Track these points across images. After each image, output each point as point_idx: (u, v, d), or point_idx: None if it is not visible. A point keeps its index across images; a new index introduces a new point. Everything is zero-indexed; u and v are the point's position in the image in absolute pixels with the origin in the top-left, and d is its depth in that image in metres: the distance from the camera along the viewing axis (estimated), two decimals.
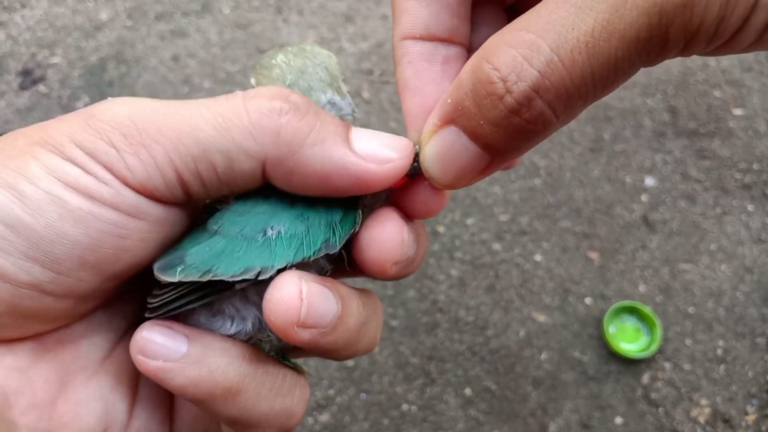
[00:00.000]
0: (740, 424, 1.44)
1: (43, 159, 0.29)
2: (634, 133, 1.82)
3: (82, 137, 0.30)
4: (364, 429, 1.46)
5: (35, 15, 2.10)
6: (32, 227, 0.29)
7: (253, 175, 0.32)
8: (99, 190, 0.30)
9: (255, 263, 0.31)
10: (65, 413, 0.32)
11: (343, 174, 0.32)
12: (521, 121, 0.27)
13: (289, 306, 0.30)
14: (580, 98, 0.26)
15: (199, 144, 0.31)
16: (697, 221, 1.69)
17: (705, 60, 1.94)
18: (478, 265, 1.63)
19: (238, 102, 0.32)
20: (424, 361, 1.53)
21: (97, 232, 0.30)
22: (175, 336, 0.32)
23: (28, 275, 0.29)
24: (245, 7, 2.10)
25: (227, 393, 0.32)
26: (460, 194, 1.71)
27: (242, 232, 0.32)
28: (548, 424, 1.45)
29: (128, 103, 0.31)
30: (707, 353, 1.52)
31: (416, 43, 0.35)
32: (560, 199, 1.71)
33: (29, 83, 1.95)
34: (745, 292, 1.59)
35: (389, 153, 0.33)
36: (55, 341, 0.33)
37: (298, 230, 0.33)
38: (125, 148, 0.30)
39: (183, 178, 0.31)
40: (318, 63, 0.39)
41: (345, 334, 0.33)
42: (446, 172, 0.32)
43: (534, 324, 1.56)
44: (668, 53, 0.26)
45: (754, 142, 1.80)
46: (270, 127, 0.31)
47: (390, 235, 0.33)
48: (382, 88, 1.89)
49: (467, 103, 0.28)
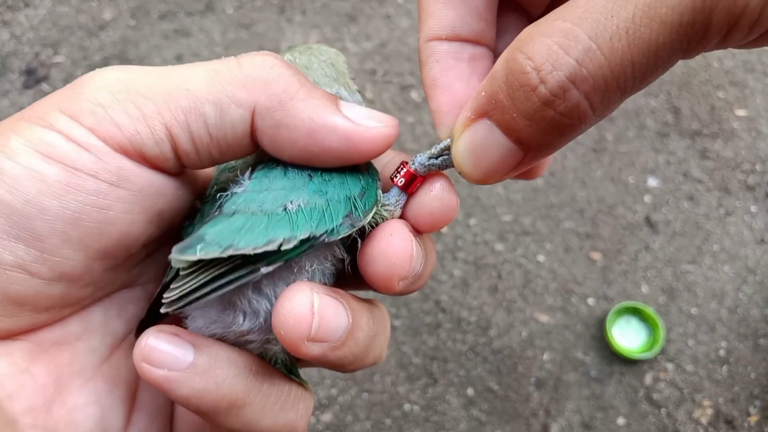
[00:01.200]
0: (742, 425, 1.44)
1: (25, 133, 0.29)
2: (637, 133, 1.82)
3: (67, 102, 0.30)
4: (366, 428, 1.46)
5: (39, 14, 2.10)
6: (11, 204, 0.28)
7: (243, 128, 0.32)
8: (79, 157, 0.29)
9: (277, 235, 0.30)
10: (61, 418, 0.32)
11: (332, 131, 0.32)
12: (555, 114, 0.26)
13: (300, 320, 0.30)
14: (618, 89, 0.25)
15: (190, 95, 0.30)
16: (700, 222, 1.69)
17: (708, 61, 1.94)
18: (481, 266, 1.63)
19: (231, 60, 0.32)
20: (427, 361, 1.53)
21: (77, 204, 0.29)
22: (181, 344, 0.31)
23: (12, 255, 0.29)
24: (249, 7, 2.10)
25: (232, 406, 0.31)
26: (463, 194, 1.71)
27: (262, 208, 0.32)
28: (550, 424, 1.45)
29: (117, 68, 0.31)
30: (710, 354, 1.52)
31: (442, 43, 0.34)
32: (563, 199, 1.71)
33: (33, 82, 1.95)
34: (747, 293, 1.59)
35: (376, 122, 0.33)
36: (50, 343, 0.33)
37: (319, 203, 0.32)
38: (112, 105, 0.30)
39: (172, 133, 0.31)
40: (324, 59, 0.40)
41: (354, 349, 0.32)
42: (478, 167, 0.31)
43: (536, 324, 1.56)
44: (709, 41, 0.25)
45: (757, 143, 1.80)
46: (261, 76, 0.31)
47: (399, 250, 0.32)
48: (384, 87, 1.89)
49: (501, 95, 0.27)
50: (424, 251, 0.34)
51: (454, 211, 0.35)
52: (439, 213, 0.34)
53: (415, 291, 0.37)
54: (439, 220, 0.35)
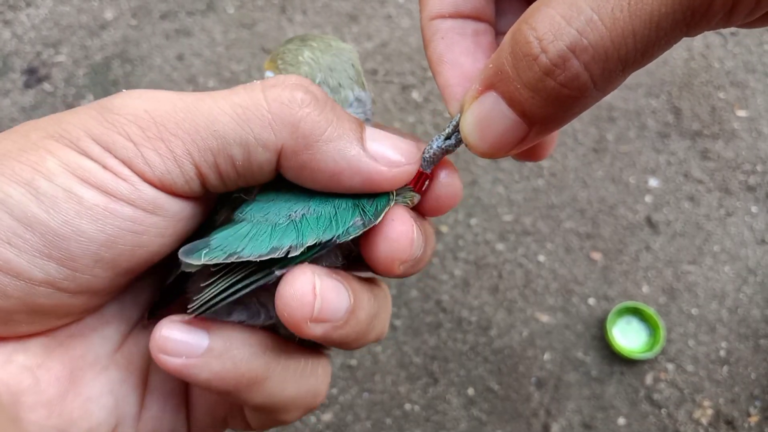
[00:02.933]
0: (743, 426, 1.44)
1: (59, 154, 0.29)
2: (638, 134, 1.82)
3: (99, 131, 0.30)
4: (367, 428, 1.46)
5: (40, 14, 2.10)
6: (48, 224, 0.28)
7: (269, 167, 0.32)
8: (116, 186, 0.29)
9: (283, 243, 0.31)
10: (75, 409, 0.32)
11: (354, 173, 0.32)
12: (555, 84, 0.26)
13: (303, 301, 0.30)
14: (619, 61, 0.25)
15: (218, 137, 0.30)
16: (701, 222, 1.69)
17: (709, 61, 1.94)
18: (482, 265, 1.63)
19: (257, 93, 0.31)
20: (427, 361, 1.53)
21: (113, 229, 0.29)
22: (195, 331, 0.32)
23: (43, 273, 0.29)
24: (250, 7, 2.10)
25: (253, 382, 0.32)
26: (464, 194, 1.70)
27: (266, 217, 0.32)
28: (551, 424, 1.45)
29: (144, 96, 0.31)
30: (710, 354, 1.52)
31: (446, 20, 0.35)
32: (564, 199, 1.71)
33: (34, 81, 1.96)
34: (748, 293, 1.59)
35: (400, 157, 0.33)
36: (66, 335, 0.33)
37: (325, 210, 0.32)
38: (143, 143, 0.30)
39: (201, 172, 0.31)
40: (346, 60, 0.39)
41: (357, 327, 0.33)
42: (484, 139, 0.31)
43: (537, 324, 1.56)
44: (713, 15, 0.25)
45: (758, 143, 1.80)
46: (289, 119, 0.31)
47: (400, 235, 0.33)
48: (386, 87, 1.89)
49: (506, 66, 0.28)
50: (424, 235, 0.35)
51: (458, 196, 0.36)
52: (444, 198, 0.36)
53: (415, 273, 0.37)
54: (445, 205, 0.36)
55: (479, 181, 1.73)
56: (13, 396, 0.30)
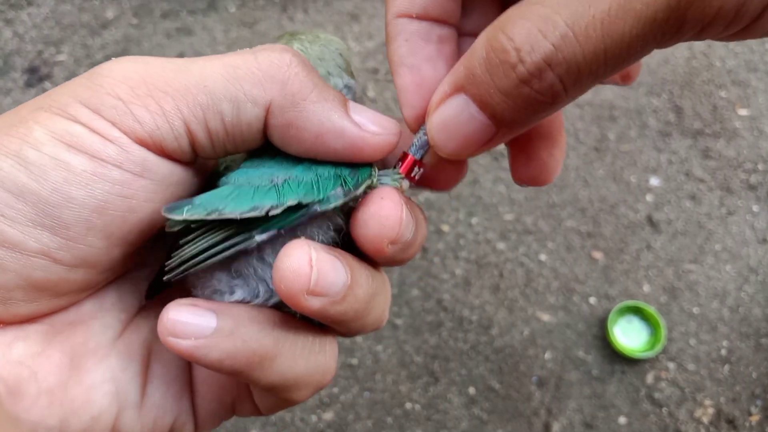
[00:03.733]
0: (744, 425, 1.44)
1: (47, 123, 0.29)
2: (639, 133, 1.82)
3: (87, 94, 0.30)
4: (368, 427, 1.46)
5: (42, 12, 2.11)
6: (38, 193, 0.29)
7: (257, 125, 0.33)
8: (104, 149, 0.30)
9: (263, 202, 0.31)
10: (77, 397, 0.32)
11: (338, 136, 0.33)
12: (531, 92, 0.27)
13: (299, 273, 0.30)
14: (590, 74, 0.26)
15: (208, 93, 0.31)
16: (702, 221, 1.69)
17: (710, 60, 1.94)
18: (483, 265, 1.63)
19: (248, 54, 0.33)
20: (428, 360, 1.53)
21: (102, 193, 0.30)
22: (202, 312, 0.32)
23: (38, 242, 0.29)
24: (251, 6, 2.10)
25: (264, 359, 0.32)
26: (465, 193, 1.71)
27: (249, 181, 0.33)
28: (552, 423, 1.45)
29: (134, 59, 0.32)
30: (711, 353, 1.52)
31: (412, 21, 0.35)
32: (565, 198, 1.71)
33: (35, 81, 1.96)
34: (749, 292, 1.59)
35: (380, 128, 0.34)
36: (66, 323, 0.33)
37: (306, 177, 0.33)
38: (133, 100, 0.30)
39: (191, 129, 0.31)
40: (333, 50, 0.41)
41: (355, 305, 0.33)
42: (450, 140, 0.32)
43: (538, 323, 1.56)
44: (683, 35, 0.26)
45: (759, 142, 1.80)
46: (278, 76, 0.32)
47: (389, 212, 0.33)
48: (387, 86, 1.89)
49: (479, 71, 0.28)
50: (414, 219, 0.35)
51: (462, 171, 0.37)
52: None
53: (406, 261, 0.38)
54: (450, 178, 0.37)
55: (480, 180, 1.73)
56: (13, 385, 0.30)
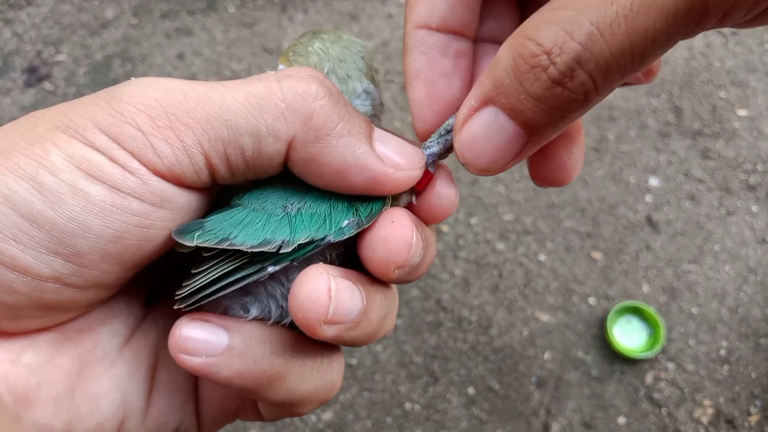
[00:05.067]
0: (743, 425, 1.44)
1: (65, 146, 0.28)
2: (639, 133, 1.82)
3: (107, 121, 0.29)
4: (367, 427, 1.46)
5: (41, 12, 2.11)
6: (53, 221, 0.28)
7: (278, 159, 0.32)
8: (123, 180, 0.29)
9: (275, 237, 0.31)
10: (83, 405, 0.32)
11: (360, 171, 0.32)
12: (564, 92, 0.27)
13: (318, 303, 0.30)
14: (618, 70, 0.26)
15: (229, 126, 0.30)
16: (701, 222, 1.69)
17: (710, 60, 1.94)
18: (482, 265, 1.63)
19: (272, 83, 0.31)
20: (428, 360, 1.53)
21: (120, 224, 0.29)
22: (214, 330, 0.32)
23: (50, 269, 0.29)
24: (250, 6, 2.10)
25: (273, 379, 0.32)
26: (464, 193, 1.71)
27: (263, 206, 0.32)
28: (551, 423, 1.45)
29: (155, 84, 0.31)
30: (710, 354, 1.52)
31: (431, 33, 0.35)
32: (564, 199, 1.71)
33: (35, 80, 1.96)
34: (748, 293, 1.59)
35: (405, 162, 0.33)
36: (74, 330, 0.33)
37: (320, 209, 0.32)
38: (153, 132, 0.29)
39: (211, 162, 0.31)
40: (355, 52, 0.40)
41: (368, 329, 0.33)
42: (481, 155, 0.31)
43: (537, 324, 1.56)
44: (707, 23, 0.26)
45: (758, 142, 1.80)
46: (303, 109, 0.31)
47: (399, 238, 0.33)
48: (386, 87, 1.89)
49: (507, 80, 0.28)
50: (424, 242, 0.34)
51: (453, 206, 0.36)
52: (438, 208, 0.35)
53: (411, 281, 0.37)
54: (439, 215, 0.36)
55: (480, 181, 1.73)
56: (22, 392, 0.30)
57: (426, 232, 0.35)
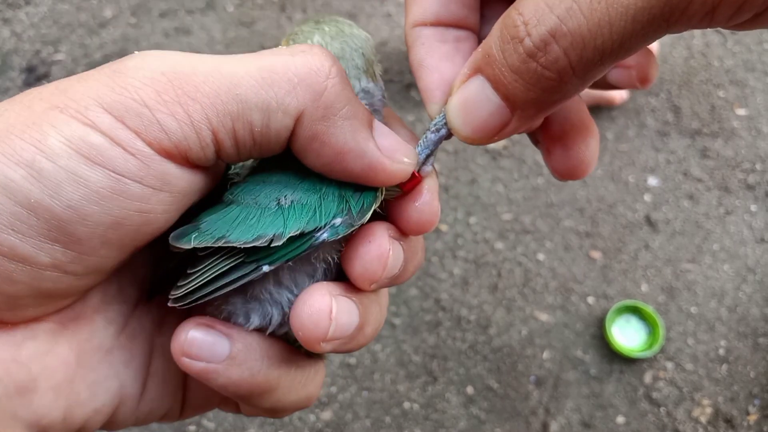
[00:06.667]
0: (742, 425, 1.44)
1: (63, 128, 0.27)
2: (638, 132, 1.82)
3: (110, 98, 0.28)
4: (366, 426, 1.46)
5: (39, 12, 2.10)
6: (52, 209, 0.27)
7: (284, 135, 0.31)
8: (125, 163, 0.28)
9: (267, 231, 0.31)
10: (82, 391, 0.32)
11: (358, 157, 0.32)
12: (537, 67, 0.27)
13: (319, 324, 0.31)
14: (596, 50, 0.26)
15: (240, 101, 0.29)
16: (700, 221, 1.69)
17: (708, 60, 1.94)
18: (481, 264, 1.63)
19: (285, 57, 0.31)
20: (426, 360, 1.53)
21: (120, 210, 0.28)
22: (218, 337, 0.33)
23: (50, 257, 0.28)
24: (249, 5, 2.10)
25: (265, 392, 0.34)
26: (463, 192, 1.71)
27: (256, 200, 0.32)
28: (550, 423, 1.45)
29: (161, 57, 0.29)
30: (709, 353, 1.52)
31: (427, 28, 0.36)
32: (563, 198, 1.71)
33: (33, 80, 1.95)
34: (747, 292, 1.59)
35: (400, 155, 0.34)
36: (70, 318, 0.33)
37: (311, 200, 0.32)
38: (159, 107, 0.28)
39: (218, 138, 0.30)
40: (356, 48, 0.39)
41: (362, 341, 0.34)
42: (467, 123, 0.31)
43: (536, 323, 1.56)
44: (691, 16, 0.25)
45: (757, 142, 1.80)
46: (315, 86, 0.31)
47: (374, 258, 0.33)
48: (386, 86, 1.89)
49: (494, 50, 0.29)
50: (405, 254, 0.35)
51: (433, 220, 0.36)
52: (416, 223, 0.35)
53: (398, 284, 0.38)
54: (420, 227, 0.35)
55: (479, 180, 1.73)
56: (23, 384, 0.30)
57: (409, 243, 0.36)
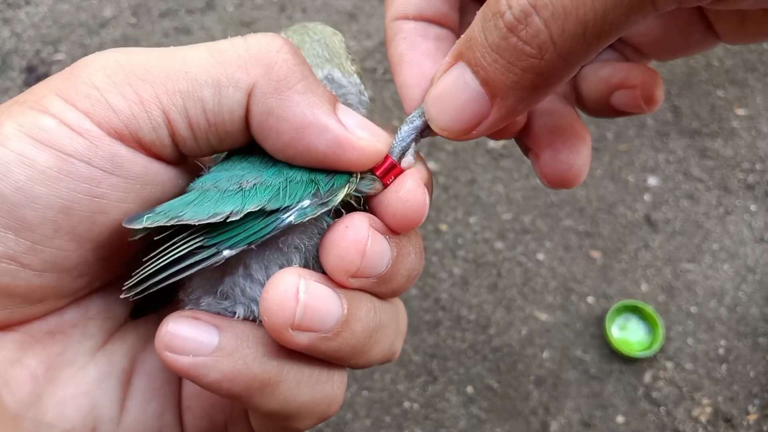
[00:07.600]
0: (741, 424, 1.44)
1: (18, 117, 0.28)
2: (638, 132, 1.82)
3: (63, 85, 0.29)
4: (366, 426, 1.46)
5: (39, 11, 2.10)
6: (1, 192, 0.27)
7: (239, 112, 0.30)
8: (71, 142, 0.28)
9: (224, 208, 0.29)
10: (50, 409, 0.31)
11: (321, 131, 0.30)
12: (518, 41, 0.26)
13: (283, 306, 0.28)
14: (578, 22, 0.25)
15: (190, 79, 0.29)
16: (700, 221, 1.69)
17: (708, 60, 1.94)
18: (481, 264, 1.63)
19: (238, 39, 0.31)
20: (426, 359, 1.53)
21: (68, 192, 0.28)
22: (204, 328, 0.30)
23: (2, 245, 0.27)
24: (249, 5, 2.10)
25: (265, 385, 0.30)
26: (463, 192, 1.71)
27: (216, 185, 0.31)
28: (550, 422, 1.45)
29: (118, 50, 0.30)
30: (709, 353, 1.52)
31: (409, 22, 0.35)
32: (563, 198, 1.71)
33: (33, 80, 1.96)
34: (747, 291, 1.59)
35: (369, 134, 0.32)
36: (44, 332, 0.32)
37: (275, 181, 0.30)
38: (108, 88, 0.28)
39: (170, 118, 0.29)
40: (316, 39, 0.38)
41: (351, 341, 0.31)
42: (443, 112, 0.30)
43: (536, 323, 1.56)
44: None
45: (757, 142, 1.80)
46: (265, 59, 0.30)
47: (350, 244, 0.30)
48: (385, 86, 1.89)
49: (475, 32, 0.28)
50: (394, 251, 0.32)
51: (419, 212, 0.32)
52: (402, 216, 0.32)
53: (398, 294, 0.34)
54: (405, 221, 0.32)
55: (478, 180, 1.73)
56: None
57: (401, 242, 0.33)
